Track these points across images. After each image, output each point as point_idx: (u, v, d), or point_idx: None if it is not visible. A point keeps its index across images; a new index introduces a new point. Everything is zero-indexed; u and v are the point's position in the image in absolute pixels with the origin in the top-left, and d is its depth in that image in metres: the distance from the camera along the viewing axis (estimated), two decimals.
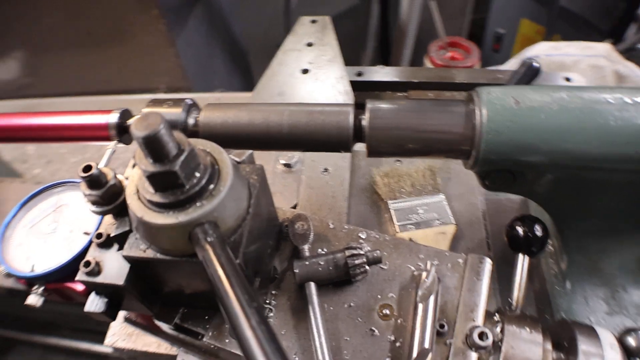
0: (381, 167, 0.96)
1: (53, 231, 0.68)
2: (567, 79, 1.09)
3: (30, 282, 0.65)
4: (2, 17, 1.71)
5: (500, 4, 2.33)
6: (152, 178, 0.43)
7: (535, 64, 0.76)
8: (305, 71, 1.04)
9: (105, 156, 0.66)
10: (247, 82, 2.42)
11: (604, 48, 1.34)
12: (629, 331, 0.63)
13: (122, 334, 0.78)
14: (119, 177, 0.52)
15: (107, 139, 0.69)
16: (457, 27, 2.28)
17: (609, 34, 2.04)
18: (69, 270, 0.62)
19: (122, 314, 0.71)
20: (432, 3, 1.28)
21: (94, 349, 1.11)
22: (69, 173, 1.59)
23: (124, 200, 0.50)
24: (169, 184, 0.44)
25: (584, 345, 0.56)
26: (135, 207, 0.46)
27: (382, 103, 0.62)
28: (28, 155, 1.65)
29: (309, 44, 1.11)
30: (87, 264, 0.52)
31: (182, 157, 0.43)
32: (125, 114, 0.68)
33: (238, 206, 0.48)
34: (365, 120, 0.60)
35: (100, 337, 0.81)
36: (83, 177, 0.49)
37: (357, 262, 0.56)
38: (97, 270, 0.52)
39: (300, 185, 0.86)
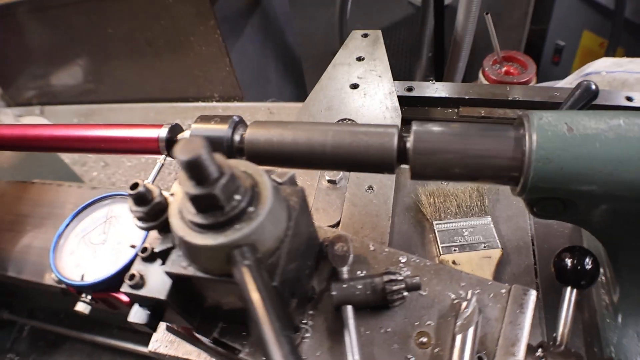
0: (427, 185, 0.94)
1: (102, 242, 0.71)
2: (629, 98, 1.03)
3: (79, 290, 0.68)
4: (71, 29, 1.80)
5: (561, 15, 2.24)
6: (194, 200, 0.44)
7: (593, 87, 0.73)
8: (354, 86, 1.04)
9: (154, 169, 0.69)
10: (300, 91, 2.44)
11: None
12: None
13: (165, 341, 0.80)
14: (165, 194, 0.54)
15: (157, 152, 0.71)
16: (516, 39, 2.21)
17: None
18: (115, 281, 0.65)
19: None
20: (487, 17, 1.24)
21: (139, 350, 1.14)
22: (124, 177, 1.65)
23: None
24: (210, 206, 0.45)
25: None
26: (177, 227, 0.47)
27: (429, 125, 0.60)
28: (88, 158, 1.73)
29: (359, 58, 1.11)
30: (132, 277, 0.54)
31: (222, 181, 0.43)
32: (175, 129, 0.70)
33: (276, 229, 0.48)
34: (409, 142, 0.59)
35: (145, 338, 0.84)
36: (130, 195, 0.51)
37: (394, 287, 0.55)
38: (140, 284, 0.54)
39: (344, 202, 0.85)
